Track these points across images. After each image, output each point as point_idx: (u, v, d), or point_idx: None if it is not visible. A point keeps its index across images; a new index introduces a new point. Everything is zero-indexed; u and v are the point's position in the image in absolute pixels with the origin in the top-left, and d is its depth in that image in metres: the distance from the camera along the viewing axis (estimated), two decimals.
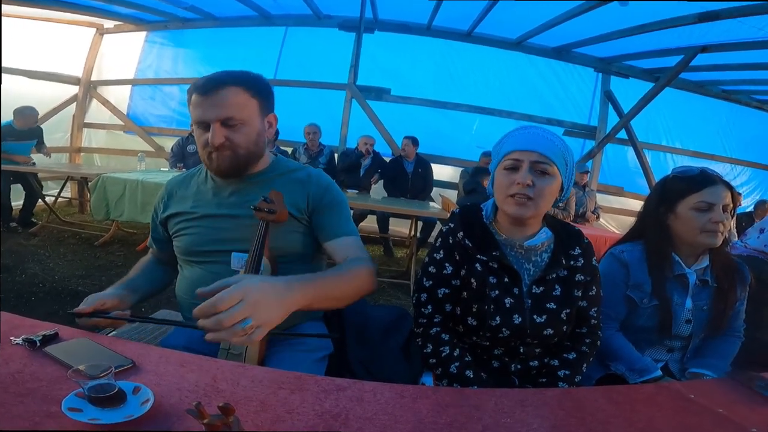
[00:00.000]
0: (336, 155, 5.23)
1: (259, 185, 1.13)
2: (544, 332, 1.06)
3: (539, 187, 1.01)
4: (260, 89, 1.08)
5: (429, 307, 1.12)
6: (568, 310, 1.07)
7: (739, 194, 4.45)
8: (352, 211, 4.72)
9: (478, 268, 1.07)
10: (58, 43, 5.56)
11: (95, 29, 5.85)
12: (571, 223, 1.31)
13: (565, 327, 1.08)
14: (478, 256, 1.08)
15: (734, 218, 1.25)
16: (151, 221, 1.26)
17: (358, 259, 1.06)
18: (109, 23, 5.82)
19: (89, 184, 3.93)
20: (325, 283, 0.92)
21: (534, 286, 1.08)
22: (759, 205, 5.22)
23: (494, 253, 1.07)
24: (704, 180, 1.22)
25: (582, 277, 1.11)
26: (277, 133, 1.18)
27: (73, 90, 5.89)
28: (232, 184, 1.13)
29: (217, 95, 1.01)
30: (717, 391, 0.88)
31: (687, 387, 0.89)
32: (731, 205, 1.19)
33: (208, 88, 1.01)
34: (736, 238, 1.54)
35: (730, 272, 1.25)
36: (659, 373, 1.20)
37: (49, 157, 4.76)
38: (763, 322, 1.36)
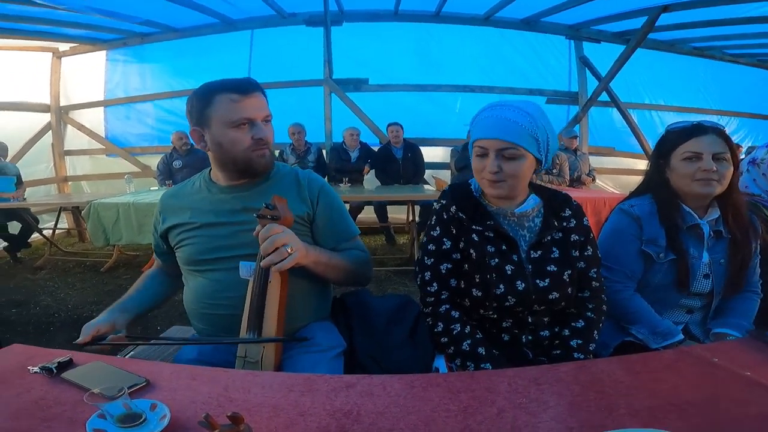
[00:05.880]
0: (324, 152, 5.21)
1: (255, 191, 1.16)
2: (550, 296, 1.06)
3: (509, 171, 1.04)
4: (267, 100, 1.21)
5: (434, 285, 1.12)
6: (569, 271, 1.08)
7: (739, 146, 4.40)
8: (348, 205, 4.72)
9: (475, 239, 1.09)
10: (17, 71, 5.32)
11: (51, 53, 5.62)
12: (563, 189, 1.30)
13: (569, 289, 1.08)
14: (474, 227, 1.10)
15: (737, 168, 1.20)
16: (152, 237, 1.29)
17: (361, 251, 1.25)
18: (64, 46, 5.59)
19: (82, 212, 3.89)
20: (332, 255, 1.14)
21: (532, 251, 1.09)
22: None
23: (488, 223, 1.10)
24: (692, 131, 1.19)
25: (577, 237, 1.12)
26: None
27: (45, 118, 5.69)
28: (229, 192, 1.16)
29: (257, 96, 1.10)
30: (741, 352, 0.82)
31: (709, 350, 0.84)
32: (727, 153, 1.16)
33: (249, 89, 1.09)
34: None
35: (741, 221, 1.21)
36: (681, 336, 1.16)
37: (24, 199, 4.38)
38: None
